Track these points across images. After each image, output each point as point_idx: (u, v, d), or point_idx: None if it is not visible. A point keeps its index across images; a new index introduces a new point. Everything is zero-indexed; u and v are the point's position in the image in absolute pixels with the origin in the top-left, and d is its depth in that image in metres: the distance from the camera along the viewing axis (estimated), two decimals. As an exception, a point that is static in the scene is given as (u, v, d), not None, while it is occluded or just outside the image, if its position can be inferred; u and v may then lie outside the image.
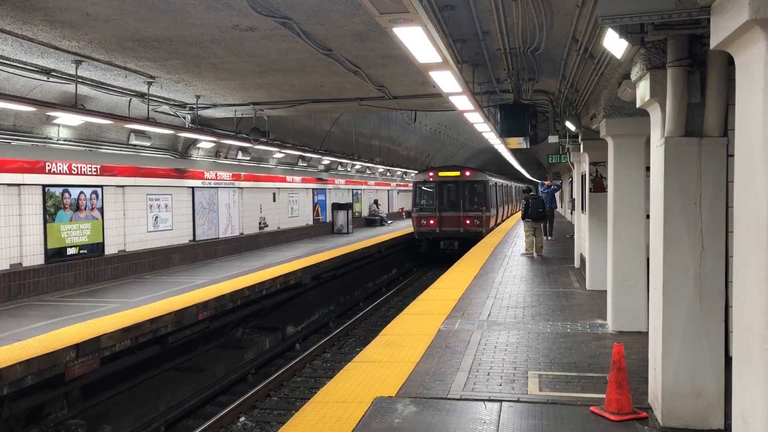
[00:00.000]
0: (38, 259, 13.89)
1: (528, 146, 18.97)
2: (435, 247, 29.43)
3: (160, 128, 14.71)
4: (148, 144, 16.93)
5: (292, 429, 5.84)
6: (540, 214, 19.94)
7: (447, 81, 8.73)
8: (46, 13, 8.10)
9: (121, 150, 16.46)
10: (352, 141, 28.74)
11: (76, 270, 14.96)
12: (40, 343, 9.46)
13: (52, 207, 14.26)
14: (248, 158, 22.49)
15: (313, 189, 29.48)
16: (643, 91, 6.07)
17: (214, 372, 12.99)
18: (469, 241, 27.14)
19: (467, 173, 29.58)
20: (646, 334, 6.53)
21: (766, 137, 3.40)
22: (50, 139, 14.19)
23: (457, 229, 28.92)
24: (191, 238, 19.87)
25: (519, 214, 36.58)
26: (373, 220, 38.10)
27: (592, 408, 6.17)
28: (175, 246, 18.96)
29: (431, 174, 29.67)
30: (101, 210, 15.78)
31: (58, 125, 14.20)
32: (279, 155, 24.28)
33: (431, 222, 29.10)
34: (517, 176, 61.70)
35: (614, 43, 6.08)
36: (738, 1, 3.50)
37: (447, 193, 29.62)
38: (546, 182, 26.82)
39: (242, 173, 22.63)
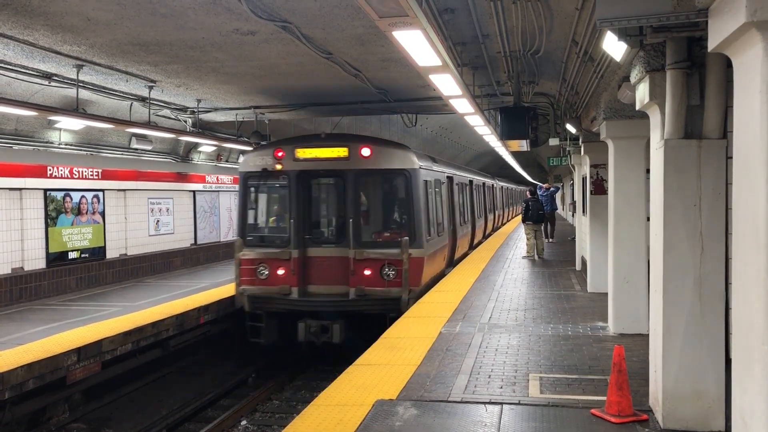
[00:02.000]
0: (40, 263, 13.91)
1: (529, 149, 19.07)
2: (289, 333, 13.15)
3: (161, 132, 14.75)
4: (149, 148, 16.97)
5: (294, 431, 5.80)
6: (540, 216, 19.93)
7: (447, 84, 8.74)
8: (47, 18, 8.13)
9: (122, 154, 16.49)
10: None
11: (77, 274, 14.98)
12: (41, 347, 9.48)
13: (54, 211, 14.28)
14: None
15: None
16: (642, 94, 6.08)
17: (217, 375, 12.98)
18: (370, 320, 12.64)
19: (365, 151, 13.06)
20: (647, 336, 6.53)
21: (764, 139, 3.41)
22: (51, 143, 14.22)
23: (342, 292, 12.88)
24: (192, 241, 19.89)
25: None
26: None
27: (592, 410, 6.16)
28: (177, 250, 18.99)
29: (279, 153, 13.36)
30: (102, 214, 15.80)
31: (60, 129, 14.24)
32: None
33: (279, 273, 13.05)
34: (518, 179, 61.50)
35: (613, 46, 6.09)
36: (735, 4, 3.51)
37: (318, 200, 14.13)
38: (544, 185, 26.74)
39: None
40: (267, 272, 13.08)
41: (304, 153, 13.21)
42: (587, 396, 6.66)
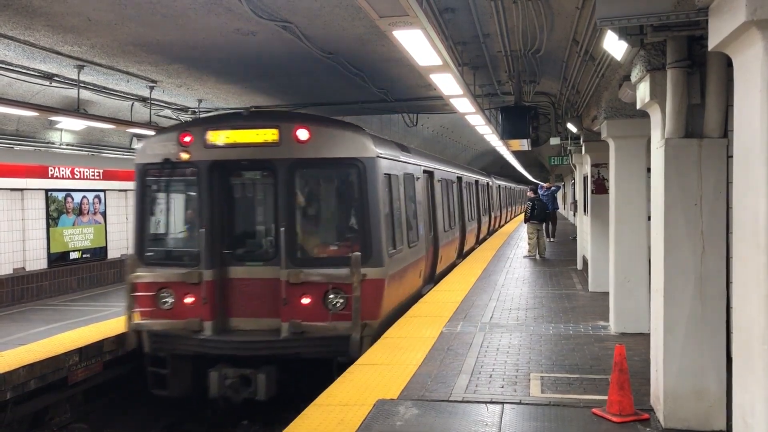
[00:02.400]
0: (41, 264, 13.93)
1: (529, 148, 19.06)
2: (199, 381, 9.76)
3: (163, 132, 14.76)
4: (151, 148, 16.97)
5: (295, 431, 5.79)
6: (546, 215, 20.00)
7: (448, 84, 8.74)
8: (48, 19, 8.14)
9: (123, 154, 16.50)
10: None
11: (79, 274, 15.01)
12: (42, 347, 9.49)
13: (55, 211, 14.30)
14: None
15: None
16: (643, 93, 6.07)
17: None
18: (312, 366, 9.66)
19: (302, 133, 9.65)
20: (649, 335, 6.53)
21: (764, 138, 3.40)
22: (53, 143, 14.24)
23: (272, 327, 9.48)
24: (194, 241, 19.88)
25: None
26: None
27: (594, 410, 6.16)
28: (178, 250, 18.96)
29: (187, 138, 9.91)
30: (104, 214, 15.82)
31: (61, 130, 14.26)
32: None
33: (187, 301, 9.75)
34: (519, 178, 61.43)
35: (614, 45, 6.09)
36: (735, 3, 3.50)
37: (240, 201, 10.74)
38: (545, 184, 26.70)
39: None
40: (172, 300, 9.72)
41: (218, 137, 9.68)
42: (588, 395, 6.66)
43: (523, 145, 17.72)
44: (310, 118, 10.54)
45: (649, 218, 7.29)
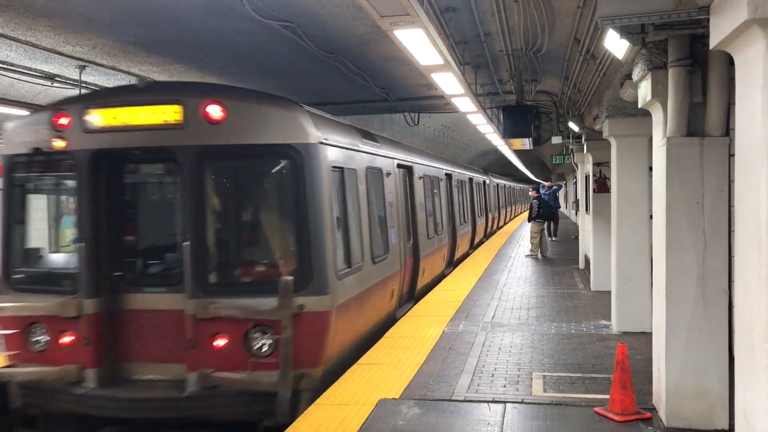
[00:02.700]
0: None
1: (531, 147, 19.04)
2: None
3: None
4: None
5: (296, 431, 5.84)
6: (551, 214, 20.06)
7: (449, 83, 8.74)
8: (49, 19, 8.15)
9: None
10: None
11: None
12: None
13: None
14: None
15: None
16: (644, 92, 6.07)
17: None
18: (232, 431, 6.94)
19: (214, 110, 7.03)
20: (651, 334, 6.52)
21: (765, 136, 3.40)
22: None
23: (176, 377, 6.99)
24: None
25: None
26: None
27: (596, 409, 6.16)
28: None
29: (63, 120, 7.31)
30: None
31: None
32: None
33: (63, 341, 7.20)
34: (520, 177, 61.37)
35: (615, 44, 6.09)
36: (736, 2, 3.50)
37: (132, 205, 8.04)
38: (546, 183, 26.73)
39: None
40: (46, 340, 7.32)
41: (102, 117, 7.21)
42: (591, 394, 6.66)
43: (525, 144, 17.71)
44: (225, 90, 7.85)
45: (650, 217, 7.30)
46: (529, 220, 20.31)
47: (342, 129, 8.82)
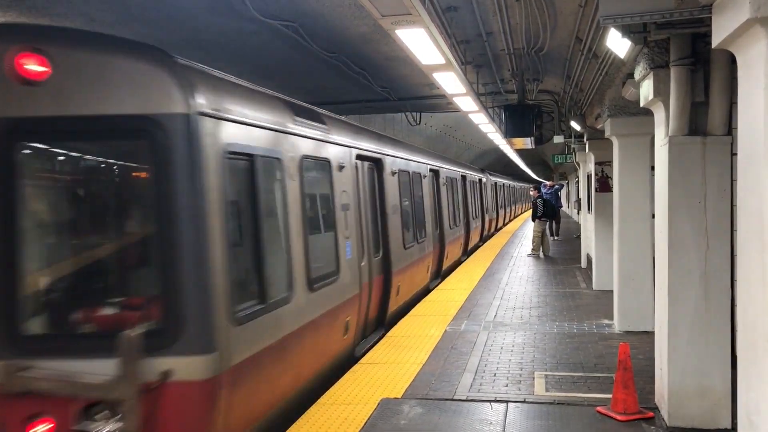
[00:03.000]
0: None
1: (533, 146, 19.02)
2: None
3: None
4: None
5: (298, 431, 5.85)
6: (555, 212, 20.09)
7: (451, 82, 8.74)
8: (51, 20, 8.15)
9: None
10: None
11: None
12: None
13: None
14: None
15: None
16: (646, 91, 6.06)
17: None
18: None
19: (31, 63, 4.63)
20: (653, 333, 6.52)
21: (767, 135, 3.40)
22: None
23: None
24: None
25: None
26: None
27: (598, 408, 6.16)
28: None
29: None
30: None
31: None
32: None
33: None
34: (522, 176, 61.34)
35: (617, 43, 6.08)
36: (738, 0, 3.49)
37: None
38: (548, 182, 26.75)
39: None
40: None
41: None
42: (593, 394, 6.66)
43: (527, 143, 17.68)
44: (51, 33, 5.23)
45: (653, 216, 7.29)
46: (533, 219, 20.31)
47: (255, 99, 6.25)
